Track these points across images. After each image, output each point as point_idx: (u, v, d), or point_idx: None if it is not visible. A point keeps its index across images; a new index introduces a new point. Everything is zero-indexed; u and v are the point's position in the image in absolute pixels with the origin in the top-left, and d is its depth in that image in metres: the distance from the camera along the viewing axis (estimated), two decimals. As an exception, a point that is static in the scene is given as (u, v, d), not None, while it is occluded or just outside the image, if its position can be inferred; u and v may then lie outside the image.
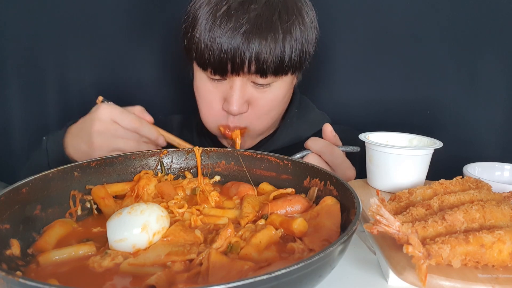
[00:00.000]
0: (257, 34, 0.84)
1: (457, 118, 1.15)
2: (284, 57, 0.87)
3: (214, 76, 0.89)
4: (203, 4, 0.88)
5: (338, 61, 1.20)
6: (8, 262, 0.49)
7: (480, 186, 0.65)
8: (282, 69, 0.88)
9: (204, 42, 0.86)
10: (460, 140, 1.13)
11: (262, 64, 0.85)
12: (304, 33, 0.90)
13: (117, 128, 0.83)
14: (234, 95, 0.88)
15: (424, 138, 0.78)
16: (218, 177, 0.76)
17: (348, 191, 0.57)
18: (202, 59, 0.88)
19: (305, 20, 0.91)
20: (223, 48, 0.84)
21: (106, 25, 1.23)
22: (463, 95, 1.14)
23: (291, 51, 0.88)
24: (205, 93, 0.94)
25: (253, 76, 0.88)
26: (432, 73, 1.15)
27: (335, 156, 0.83)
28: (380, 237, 0.56)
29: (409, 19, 1.14)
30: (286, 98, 0.99)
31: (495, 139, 1.13)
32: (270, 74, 0.87)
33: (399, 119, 1.17)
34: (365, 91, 1.20)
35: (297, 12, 0.90)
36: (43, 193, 0.60)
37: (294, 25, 0.88)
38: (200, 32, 0.87)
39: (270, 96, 0.92)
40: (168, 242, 0.55)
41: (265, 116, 0.95)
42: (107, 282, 0.48)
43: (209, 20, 0.86)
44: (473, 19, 1.10)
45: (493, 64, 1.11)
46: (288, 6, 0.89)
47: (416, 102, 1.18)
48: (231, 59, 0.85)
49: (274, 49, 0.85)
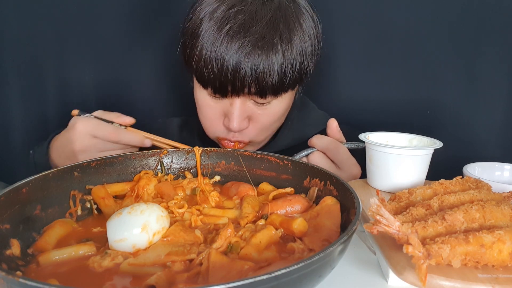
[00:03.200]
0: (258, 56, 0.82)
1: (457, 118, 1.15)
2: (284, 78, 0.85)
3: (214, 95, 0.88)
4: (204, 20, 0.85)
5: (338, 61, 1.20)
6: (8, 262, 0.49)
7: (480, 186, 0.65)
8: (282, 89, 0.87)
9: (204, 63, 0.84)
10: (460, 140, 1.13)
11: (262, 86, 0.84)
12: (307, 48, 0.88)
13: (98, 142, 0.81)
14: (234, 113, 0.87)
15: (424, 138, 0.78)
16: (218, 177, 0.76)
17: (348, 191, 0.57)
18: (202, 78, 0.86)
19: (308, 33, 0.88)
20: (223, 70, 0.82)
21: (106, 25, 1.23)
22: (463, 95, 1.14)
23: (292, 71, 0.86)
24: (206, 108, 0.93)
25: (253, 96, 0.87)
26: (432, 73, 1.15)
27: (340, 154, 0.82)
28: (380, 237, 0.56)
29: (409, 20, 1.14)
30: (287, 110, 0.98)
31: (495, 139, 1.13)
32: (270, 94, 0.86)
33: (399, 119, 1.17)
34: (365, 91, 1.20)
35: (299, 28, 0.87)
36: (43, 193, 0.60)
37: (295, 44, 0.86)
38: (200, 51, 0.84)
39: (271, 112, 0.91)
40: (168, 242, 0.55)
41: (266, 130, 0.95)
42: (107, 282, 0.48)
43: (209, 40, 0.83)
44: (473, 19, 1.10)
45: (493, 64, 1.11)
46: (290, 24, 0.86)
47: (416, 102, 1.18)
48: (231, 81, 0.83)
49: (274, 71, 0.83)
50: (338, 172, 0.83)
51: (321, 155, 0.83)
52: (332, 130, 0.86)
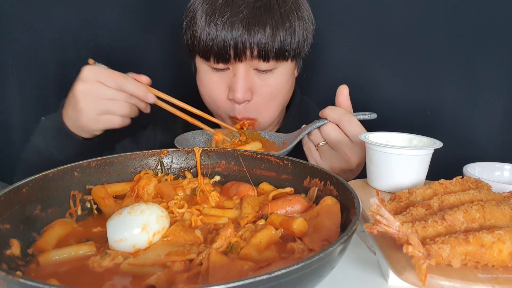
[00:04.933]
0: (257, 18, 0.85)
1: (457, 118, 1.15)
2: (284, 41, 0.88)
3: (217, 65, 0.90)
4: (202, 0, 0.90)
5: (338, 61, 1.20)
6: (8, 262, 0.49)
7: (480, 186, 0.65)
8: (283, 53, 0.90)
9: (205, 33, 0.87)
10: (460, 140, 1.13)
11: (264, 48, 0.86)
12: (301, 19, 0.92)
13: (102, 88, 0.78)
14: (238, 81, 0.89)
15: (424, 138, 0.78)
16: (218, 177, 0.76)
17: (348, 191, 0.57)
18: (204, 50, 0.89)
19: (301, 8, 0.93)
20: (224, 36, 0.85)
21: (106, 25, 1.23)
22: (463, 95, 1.14)
23: (291, 36, 0.89)
24: (209, 85, 0.94)
25: (255, 62, 0.89)
26: (432, 73, 1.16)
27: (354, 126, 0.81)
28: (380, 237, 0.56)
29: (410, 20, 1.14)
30: (289, 86, 0.99)
31: (495, 139, 1.14)
32: (272, 58, 0.88)
33: (399, 119, 1.17)
34: (365, 91, 1.20)
35: (293, 0, 0.92)
36: (43, 193, 0.60)
37: (291, 11, 0.90)
38: (201, 24, 0.88)
39: (273, 83, 0.93)
40: (168, 242, 0.55)
41: (271, 103, 0.96)
42: (107, 282, 0.48)
43: (209, 11, 0.87)
44: (473, 20, 1.10)
45: (493, 65, 1.11)
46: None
47: (416, 102, 1.18)
48: (234, 46, 0.86)
49: (275, 33, 0.86)
50: (351, 145, 0.82)
51: (334, 127, 0.82)
52: (343, 97, 0.85)
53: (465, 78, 1.13)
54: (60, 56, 1.23)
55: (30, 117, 1.27)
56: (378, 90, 1.19)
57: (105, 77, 0.78)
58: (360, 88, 1.21)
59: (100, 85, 0.79)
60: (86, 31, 1.22)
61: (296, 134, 0.91)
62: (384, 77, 1.19)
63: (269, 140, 0.95)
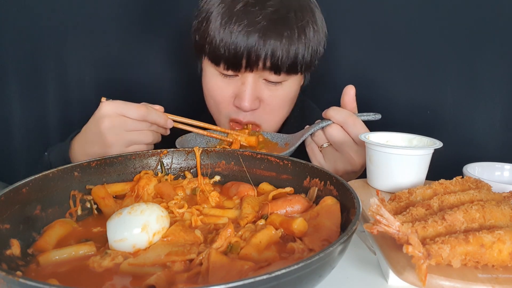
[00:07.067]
0: (274, 30, 0.84)
1: (457, 118, 1.15)
2: (298, 55, 0.87)
3: (227, 72, 0.89)
4: (218, 0, 0.88)
5: (338, 62, 1.20)
6: (8, 262, 0.49)
7: (480, 186, 0.65)
8: (295, 67, 0.89)
9: (219, 37, 0.85)
10: (460, 140, 1.13)
11: (277, 61, 0.85)
12: (317, 33, 0.91)
13: (125, 120, 0.79)
14: (246, 91, 0.88)
15: (424, 138, 0.78)
16: (218, 177, 0.76)
17: (348, 191, 0.57)
18: (215, 54, 0.87)
19: (317, 21, 0.92)
20: (238, 44, 0.84)
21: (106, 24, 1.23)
22: (463, 95, 1.14)
23: (305, 50, 0.88)
24: (216, 89, 0.93)
25: (266, 73, 0.88)
26: (432, 73, 1.16)
27: (358, 128, 0.81)
28: (380, 237, 0.56)
29: (410, 20, 1.14)
30: (295, 97, 0.99)
31: (495, 139, 1.14)
32: (283, 71, 0.87)
33: (399, 119, 1.17)
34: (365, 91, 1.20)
35: (310, 12, 0.90)
36: (43, 193, 0.60)
37: (308, 25, 0.88)
38: (215, 27, 0.86)
39: (281, 94, 0.92)
40: (168, 242, 0.55)
41: (276, 113, 0.95)
42: (107, 282, 0.48)
43: (225, 15, 0.85)
44: (473, 20, 1.10)
45: (493, 65, 1.11)
46: (302, 6, 0.89)
47: (416, 102, 1.18)
48: (247, 55, 0.84)
49: (290, 46, 0.85)
50: (355, 147, 0.82)
51: (339, 128, 0.82)
52: (349, 97, 0.84)
53: (465, 78, 1.13)
54: (60, 56, 1.23)
55: (30, 118, 1.27)
56: (378, 90, 1.19)
57: (126, 109, 0.79)
58: (360, 88, 1.20)
59: (124, 118, 0.79)
60: (87, 30, 1.22)
61: (299, 135, 0.90)
62: (384, 77, 1.19)
63: (272, 141, 0.95)
